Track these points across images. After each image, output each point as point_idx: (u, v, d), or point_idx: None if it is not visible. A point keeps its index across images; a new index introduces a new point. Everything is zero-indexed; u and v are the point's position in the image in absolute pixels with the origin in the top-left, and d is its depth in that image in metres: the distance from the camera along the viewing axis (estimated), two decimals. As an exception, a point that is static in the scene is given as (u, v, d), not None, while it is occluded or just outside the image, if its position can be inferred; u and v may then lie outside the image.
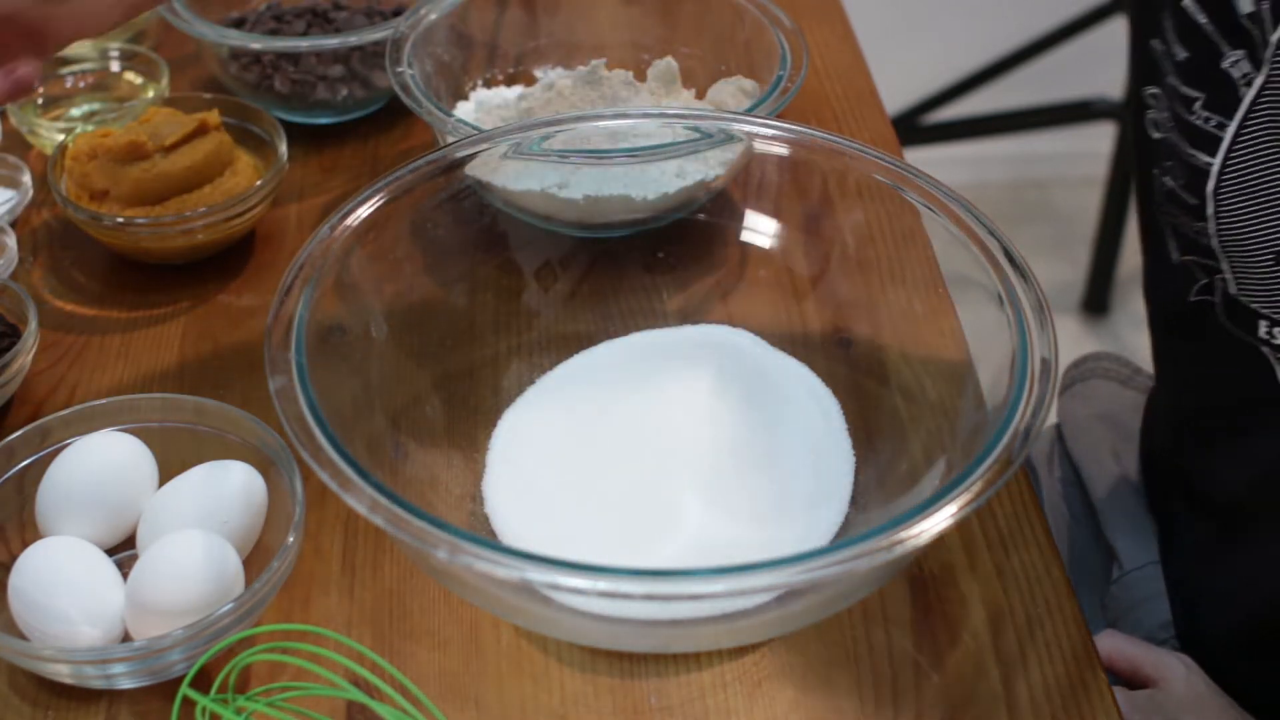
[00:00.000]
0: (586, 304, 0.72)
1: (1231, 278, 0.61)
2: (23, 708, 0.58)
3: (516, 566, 0.48)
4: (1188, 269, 0.66)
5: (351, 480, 0.51)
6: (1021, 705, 0.57)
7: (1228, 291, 0.62)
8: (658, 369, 0.68)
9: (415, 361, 0.67)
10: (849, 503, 0.62)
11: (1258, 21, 0.57)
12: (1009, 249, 0.60)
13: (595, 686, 0.59)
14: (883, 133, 0.91)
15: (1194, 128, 0.61)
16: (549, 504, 0.62)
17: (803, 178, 0.69)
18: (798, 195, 0.70)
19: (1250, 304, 0.62)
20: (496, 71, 0.89)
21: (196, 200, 0.78)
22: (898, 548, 0.48)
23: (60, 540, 0.59)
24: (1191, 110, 0.61)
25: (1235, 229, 0.60)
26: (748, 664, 0.59)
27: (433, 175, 0.65)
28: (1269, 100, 0.57)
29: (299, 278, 0.59)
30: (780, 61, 0.80)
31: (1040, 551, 0.63)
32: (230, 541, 0.59)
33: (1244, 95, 0.58)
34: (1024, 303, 0.58)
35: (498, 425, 0.66)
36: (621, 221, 0.75)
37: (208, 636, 0.55)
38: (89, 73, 0.93)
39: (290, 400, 0.54)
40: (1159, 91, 0.63)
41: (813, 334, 0.70)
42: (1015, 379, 0.55)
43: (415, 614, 0.61)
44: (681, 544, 0.59)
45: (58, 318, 0.77)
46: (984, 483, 0.50)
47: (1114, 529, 0.80)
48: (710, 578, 0.48)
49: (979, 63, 1.95)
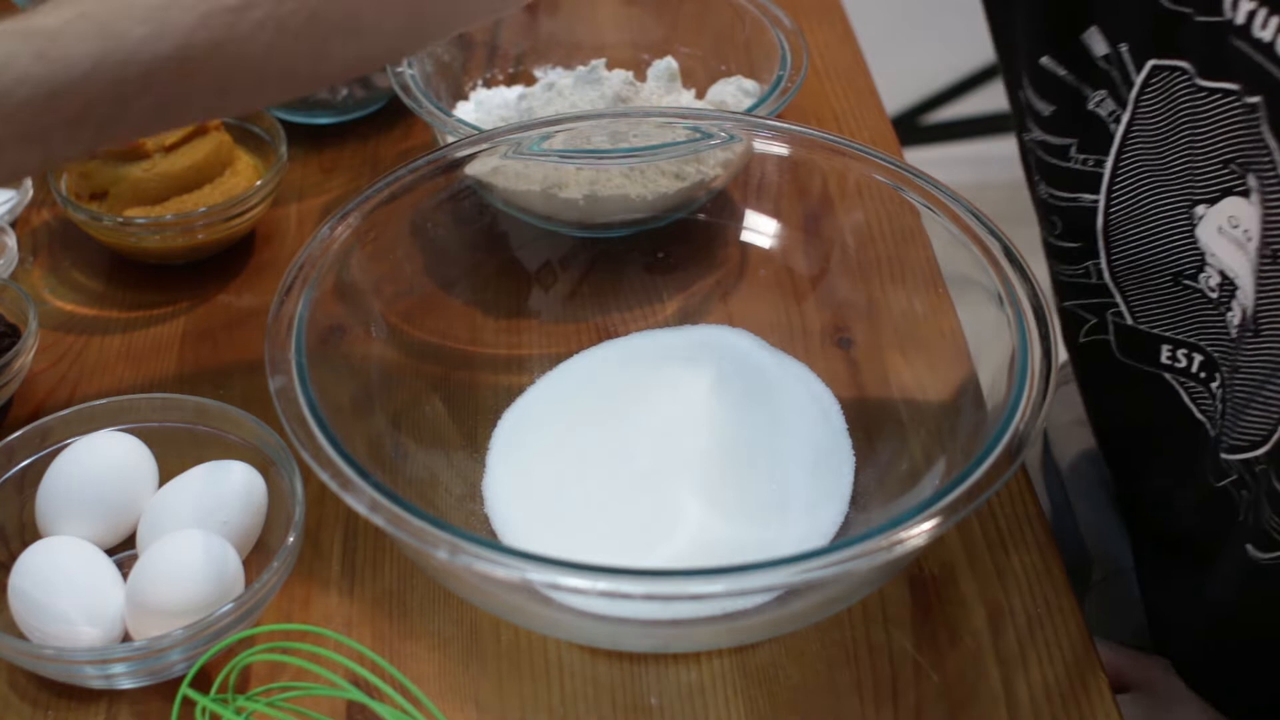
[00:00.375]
0: (586, 304, 0.72)
1: (1127, 309, 0.62)
2: (23, 708, 0.58)
3: (516, 566, 0.48)
4: (1072, 313, 0.68)
5: (351, 480, 0.51)
6: (1021, 705, 0.57)
7: (1122, 324, 0.63)
8: (658, 369, 0.68)
9: (415, 361, 0.67)
10: (849, 503, 0.62)
11: (1113, 62, 0.58)
12: (1009, 249, 0.60)
13: (595, 686, 0.59)
14: (883, 133, 0.91)
15: (1071, 172, 0.62)
16: (549, 504, 0.62)
17: (803, 178, 0.69)
18: (798, 195, 0.70)
19: (1151, 330, 0.63)
20: (496, 71, 0.89)
21: (196, 200, 0.78)
22: (898, 548, 0.48)
23: (60, 540, 0.59)
24: (1067, 156, 0.62)
25: (1129, 259, 0.61)
26: (748, 664, 0.59)
27: (433, 175, 0.65)
28: (1138, 134, 0.59)
29: (299, 278, 0.59)
30: (780, 61, 0.80)
31: (1040, 551, 0.63)
32: (230, 541, 0.59)
33: (1115, 131, 0.59)
34: (1024, 303, 0.58)
35: (498, 425, 0.66)
36: (621, 221, 0.75)
37: (208, 636, 0.55)
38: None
39: (290, 400, 0.54)
40: (1036, 138, 0.64)
41: (813, 334, 0.70)
42: (1015, 379, 0.55)
43: (415, 614, 0.61)
44: (681, 544, 0.59)
45: (58, 318, 0.77)
46: (984, 483, 0.50)
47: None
48: (710, 578, 0.48)
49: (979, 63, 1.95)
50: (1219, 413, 0.61)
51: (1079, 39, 0.59)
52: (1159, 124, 0.57)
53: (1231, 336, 0.58)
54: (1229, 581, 0.62)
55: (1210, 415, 0.62)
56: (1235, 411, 0.57)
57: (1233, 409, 0.57)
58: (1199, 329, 0.61)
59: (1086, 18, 0.59)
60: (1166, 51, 0.56)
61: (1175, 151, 0.57)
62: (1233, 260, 0.56)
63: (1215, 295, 0.59)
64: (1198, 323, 0.61)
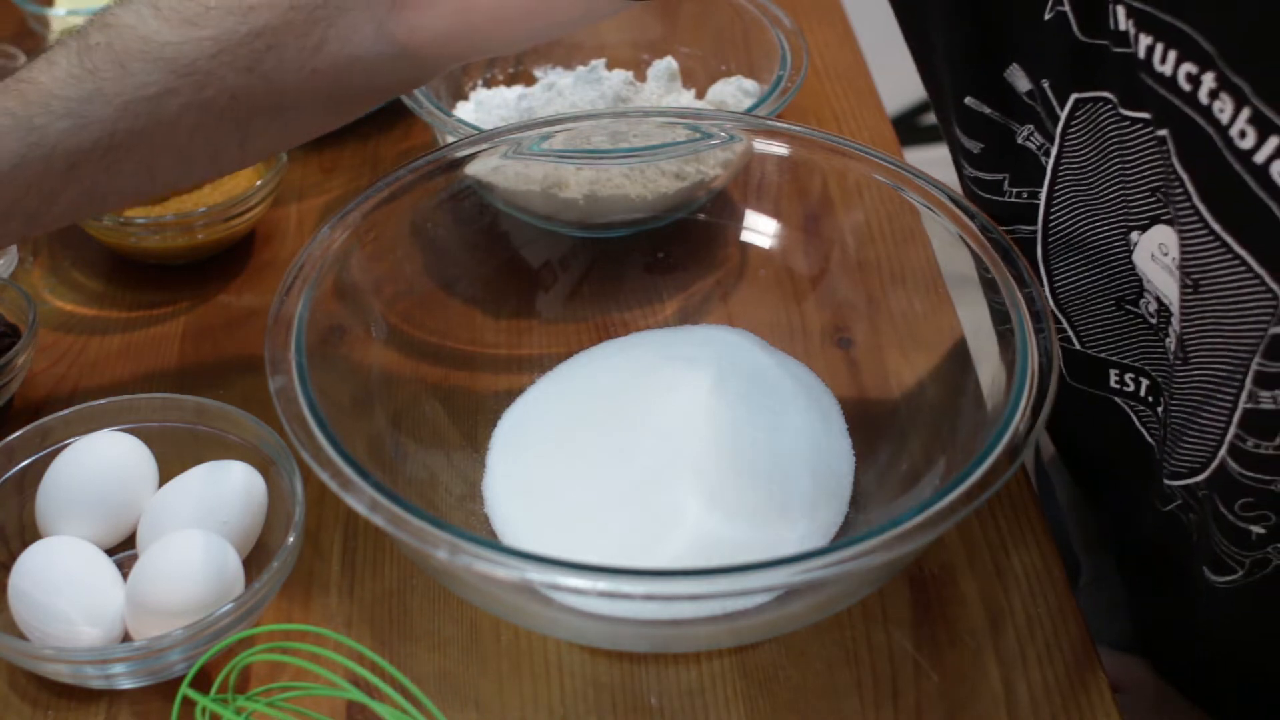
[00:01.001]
0: (586, 304, 0.72)
1: (1074, 334, 0.62)
2: (23, 708, 0.58)
3: (516, 566, 0.48)
4: None
5: (351, 480, 0.51)
6: (1021, 705, 0.57)
7: (1071, 349, 0.63)
8: (658, 369, 0.68)
9: (415, 361, 0.67)
10: (849, 503, 0.62)
11: (1037, 98, 0.59)
12: (1009, 249, 0.60)
13: (595, 686, 0.59)
14: (883, 133, 0.91)
15: (1006, 204, 0.62)
16: (549, 504, 0.62)
17: (803, 178, 0.69)
18: (798, 195, 0.70)
19: (1098, 354, 0.63)
20: (496, 71, 0.89)
21: (196, 200, 0.78)
22: (898, 548, 0.48)
23: (60, 540, 0.59)
24: (1001, 191, 0.63)
25: (1072, 285, 0.62)
26: (748, 664, 0.59)
27: (433, 175, 0.65)
28: (1068, 165, 0.59)
29: (299, 278, 0.59)
30: (780, 61, 0.80)
31: (1040, 551, 0.63)
32: (230, 541, 0.59)
33: (1045, 164, 0.60)
34: (1024, 303, 0.58)
35: (498, 425, 0.66)
36: (621, 221, 0.75)
37: (208, 636, 0.55)
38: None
39: (290, 400, 0.54)
40: (971, 174, 0.64)
41: (813, 334, 0.70)
42: (1015, 379, 0.55)
43: (415, 614, 0.61)
44: (681, 544, 0.59)
45: (58, 318, 0.77)
46: (984, 483, 0.50)
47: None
48: (710, 578, 0.48)
49: (979, 63, 1.95)
50: (1162, 438, 0.61)
51: (1001, 77, 0.60)
52: (1088, 154, 0.58)
53: (1170, 362, 0.58)
54: (1189, 604, 0.63)
55: (1159, 439, 0.62)
56: (1174, 438, 0.57)
57: (1172, 435, 0.57)
58: (1142, 354, 0.61)
59: (1006, 56, 0.59)
60: (1087, 84, 0.56)
61: (1107, 180, 0.57)
62: (1165, 287, 0.56)
63: (1154, 321, 0.59)
64: (1141, 348, 0.61)
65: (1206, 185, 0.49)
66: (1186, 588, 0.62)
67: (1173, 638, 0.70)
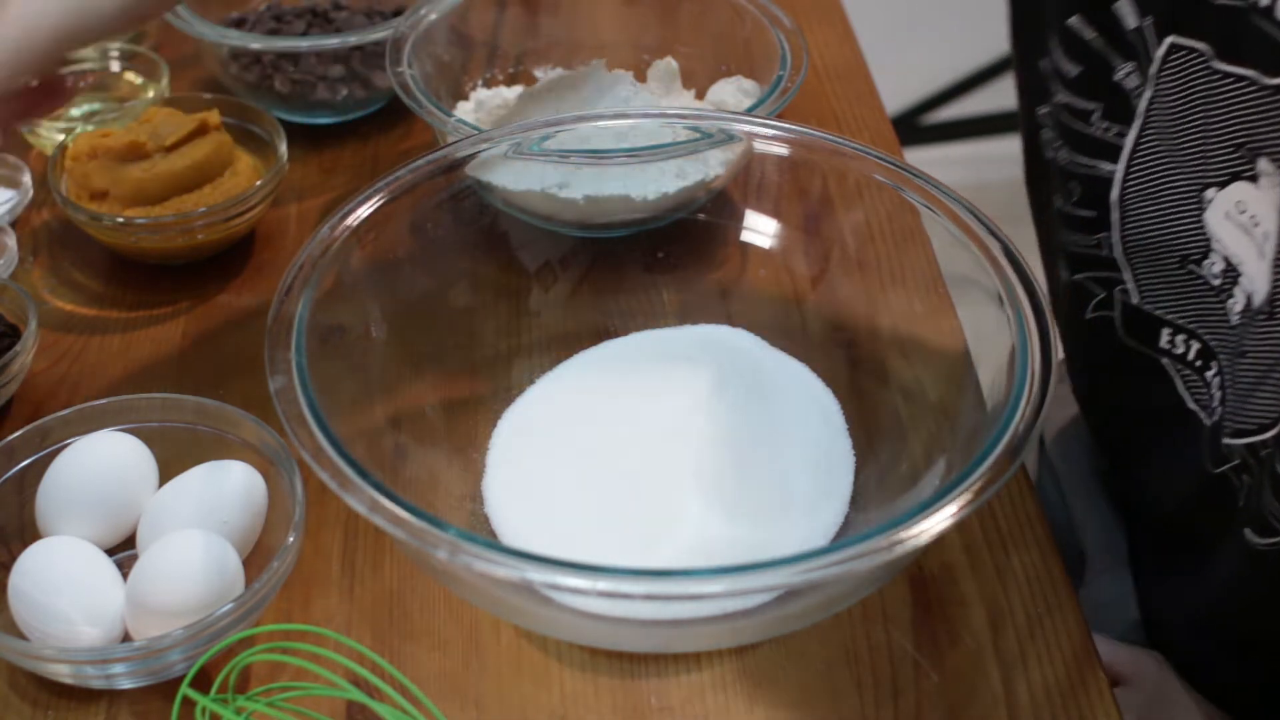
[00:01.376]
0: (586, 304, 0.72)
1: (1134, 286, 0.62)
2: (23, 708, 0.58)
3: (516, 566, 0.48)
4: (1081, 286, 0.68)
5: (351, 480, 0.51)
6: (1021, 705, 0.57)
7: (1128, 303, 0.63)
8: (658, 369, 0.68)
9: (415, 361, 0.67)
10: (849, 503, 0.62)
11: (1139, 36, 0.58)
12: (1009, 249, 0.60)
13: (595, 686, 0.59)
14: (883, 133, 0.91)
15: (1092, 139, 0.62)
16: (549, 504, 0.62)
17: (803, 178, 0.69)
18: (798, 195, 0.70)
19: (1154, 311, 0.63)
20: (496, 71, 0.89)
21: (196, 200, 0.78)
22: (898, 548, 0.48)
23: (60, 540, 0.59)
24: (1089, 122, 0.63)
25: (1141, 235, 0.61)
26: (748, 664, 0.59)
27: (433, 175, 0.65)
28: (1158, 110, 0.59)
29: (299, 278, 0.59)
30: (780, 61, 0.80)
31: (1040, 551, 0.63)
32: (230, 541, 0.59)
33: (1137, 105, 0.59)
34: (1024, 303, 0.58)
35: (498, 425, 0.66)
36: (621, 221, 0.75)
37: (208, 636, 0.55)
38: (89, 73, 0.93)
39: (290, 400, 0.54)
40: (1049, 110, 0.64)
41: (813, 334, 0.70)
42: (1015, 379, 0.55)
43: (415, 614, 0.61)
44: (681, 544, 0.59)
45: (58, 318, 0.77)
46: (984, 483, 0.50)
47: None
48: (710, 578, 0.48)
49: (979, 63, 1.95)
50: (1218, 399, 0.61)
51: (1110, 9, 0.59)
52: (1175, 103, 0.58)
53: (1231, 324, 0.58)
54: (1226, 568, 0.63)
55: (1204, 404, 0.62)
56: (1240, 396, 0.57)
57: (1237, 394, 0.57)
58: (1199, 315, 0.61)
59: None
60: (1185, 30, 0.56)
61: (1188, 133, 0.57)
62: (1237, 246, 0.56)
63: (1218, 283, 0.59)
64: (1198, 309, 0.61)
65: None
66: (1210, 561, 0.62)
67: (1184, 621, 0.70)
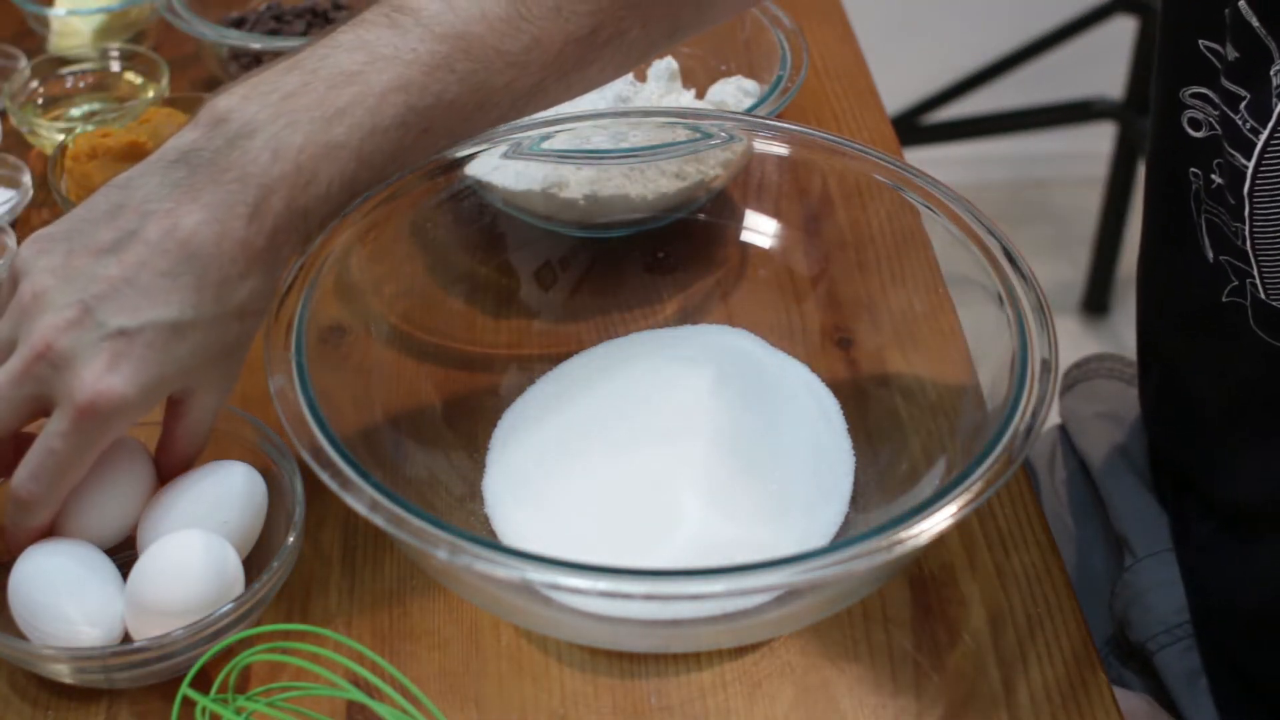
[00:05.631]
0: (586, 304, 0.72)
1: (1260, 283, 0.62)
2: (23, 708, 0.58)
3: (516, 566, 0.48)
4: (1222, 268, 0.67)
5: (351, 480, 0.51)
6: (1021, 705, 0.57)
7: (1258, 296, 0.63)
8: (658, 369, 0.68)
9: (415, 361, 0.67)
10: (849, 503, 0.62)
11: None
12: (1009, 249, 0.60)
13: (595, 686, 0.59)
14: (883, 133, 0.91)
15: (1236, 128, 0.61)
16: (549, 504, 0.62)
17: (803, 178, 0.69)
18: (798, 195, 0.70)
19: None
20: (496, 71, 0.89)
21: (196, 200, 0.78)
22: (898, 548, 0.48)
23: (60, 540, 0.59)
24: (1237, 110, 0.62)
25: (1268, 233, 0.61)
26: (748, 664, 0.59)
27: (433, 175, 0.65)
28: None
29: (299, 278, 0.59)
30: (780, 61, 0.80)
31: (1040, 551, 0.63)
32: (230, 541, 0.59)
33: (1276, 106, 0.58)
34: (1024, 303, 0.58)
35: (498, 425, 0.66)
36: (621, 221, 0.75)
37: (208, 636, 0.55)
38: (89, 73, 0.93)
39: (290, 400, 0.54)
40: (1206, 91, 0.63)
41: (813, 334, 0.70)
42: (1015, 379, 0.55)
43: (415, 614, 0.61)
44: (681, 544, 0.59)
45: (58, 318, 0.77)
46: (984, 483, 0.50)
47: (1123, 518, 0.80)
48: (710, 578, 0.48)
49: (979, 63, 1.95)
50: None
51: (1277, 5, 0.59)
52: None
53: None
54: None
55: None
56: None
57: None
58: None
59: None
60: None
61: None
62: None
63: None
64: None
65: None
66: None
67: (1238, 606, 0.69)
